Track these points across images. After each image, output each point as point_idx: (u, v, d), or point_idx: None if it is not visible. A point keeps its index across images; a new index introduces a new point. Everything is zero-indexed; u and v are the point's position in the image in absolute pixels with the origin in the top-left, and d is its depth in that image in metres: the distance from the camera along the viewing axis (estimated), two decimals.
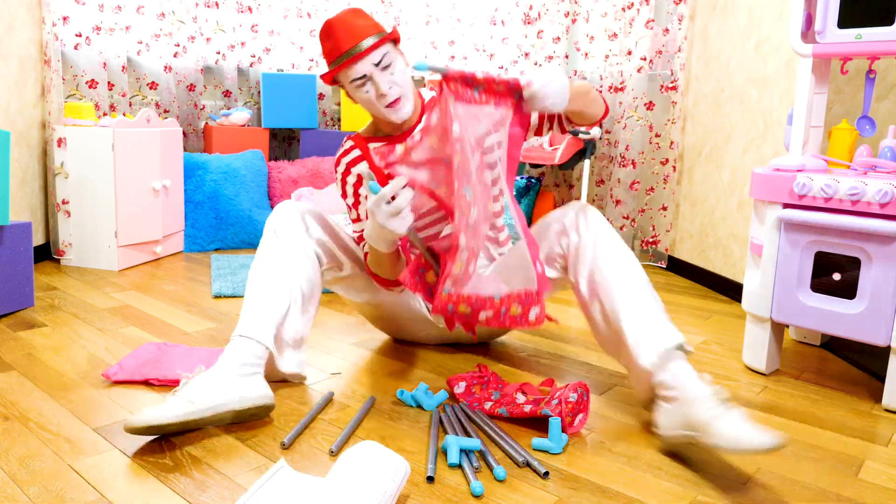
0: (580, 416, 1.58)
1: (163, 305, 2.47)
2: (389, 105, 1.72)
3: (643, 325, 1.57)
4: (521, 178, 3.80)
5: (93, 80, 3.32)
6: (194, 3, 3.69)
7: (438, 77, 1.65)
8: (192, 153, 3.59)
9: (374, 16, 1.88)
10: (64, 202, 2.94)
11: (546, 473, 1.37)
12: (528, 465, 1.40)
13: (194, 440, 1.48)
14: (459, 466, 1.40)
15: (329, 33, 1.70)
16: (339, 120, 4.16)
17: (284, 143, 4.16)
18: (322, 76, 1.75)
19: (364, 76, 1.69)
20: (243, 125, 3.73)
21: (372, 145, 1.84)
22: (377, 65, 1.69)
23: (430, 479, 1.35)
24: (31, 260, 2.37)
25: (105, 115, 3.35)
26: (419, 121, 1.84)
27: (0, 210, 2.21)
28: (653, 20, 3.30)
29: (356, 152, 1.86)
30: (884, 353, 2.07)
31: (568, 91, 1.60)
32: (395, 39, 1.74)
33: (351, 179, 1.85)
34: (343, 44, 1.68)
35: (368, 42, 1.67)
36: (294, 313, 1.72)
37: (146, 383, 1.77)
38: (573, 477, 1.38)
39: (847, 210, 1.77)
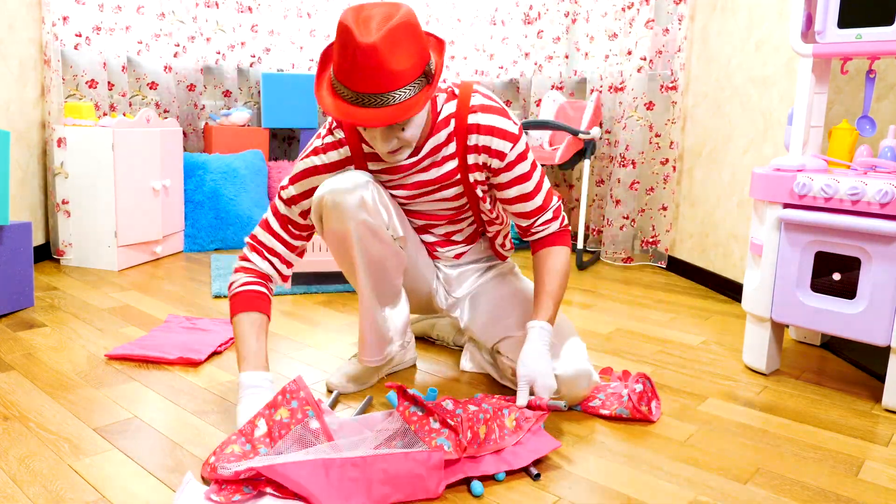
0: (654, 402, 1.67)
1: (163, 305, 2.47)
2: (388, 152, 1.47)
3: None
4: None
5: (93, 80, 3.32)
6: (194, 3, 3.69)
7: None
8: (192, 153, 3.59)
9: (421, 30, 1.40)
10: (64, 202, 2.94)
11: (537, 475, 1.36)
12: (524, 468, 1.40)
13: (194, 440, 1.48)
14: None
15: (345, 48, 1.28)
16: None
17: (284, 143, 4.16)
18: (316, 86, 1.41)
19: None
20: (243, 125, 3.73)
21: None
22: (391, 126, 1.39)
23: None
24: (31, 260, 2.37)
25: (105, 115, 3.35)
26: (424, 143, 1.56)
27: (0, 210, 2.21)
28: (653, 20, 3.30)
29: (337, 154, 1.58)
30: (884, 353, 2.07)
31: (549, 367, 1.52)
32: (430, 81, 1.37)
33: (315, 161, 1.59)
34: (352, 81, 1.30)
35: (396, 98, 1.31)
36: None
37: (145, 362, 1.79)
38: (573, 477, 1.38)
39: (847, 210, 1.77)
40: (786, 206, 1.88)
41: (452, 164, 1.58)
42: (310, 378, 1.85)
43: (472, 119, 1.53)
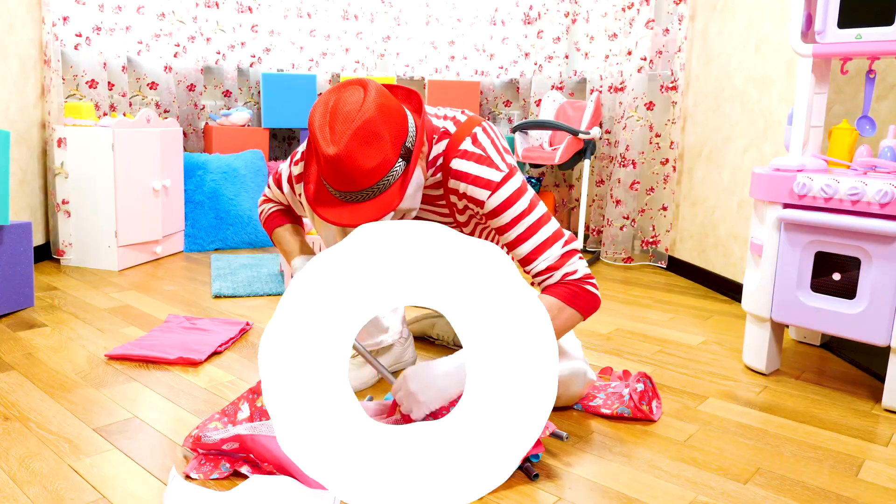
0: (654, 402, 1.69)
1: (163, 305, 2.47)
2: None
3: None
4: None
5: (93, 80, 3.32)
6: (194, 3, 3.69)
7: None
8: (192, 153, 3.59)
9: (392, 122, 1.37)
10: (64, 202, 2.94)
11: (536, 475, 1.36)
12: (519, 467, 1.40)
13: None
14: None
15: (317, 154, 1.32)
16: None
17: (284, 143, 4.16)
18: (305, 179, 1.42)
19: None
20: (243, 125, 3.73)
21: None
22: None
23: None
24: (31, 260, 2.37)
25: (105, 115, 3.35)
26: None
27: (0, 210, 2.21)
28: (653, 20, 3.30)
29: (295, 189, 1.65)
30: (884, 353, 2.07)
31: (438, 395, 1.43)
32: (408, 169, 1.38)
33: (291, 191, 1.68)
34: (333, 182, 1.34)
35: (376, 190, 1.35)
36: None
37: (145, 362, 1.78)
38: (573, 477, 1.38)
39: (847, 210, 1.77)
40: (786, 206, 1.88)
41: (440, 203, 1.60)
42: None
43: (454, 164, 1.50)
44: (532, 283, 1.58)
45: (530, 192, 1.52)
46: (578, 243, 3.38)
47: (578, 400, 1.68)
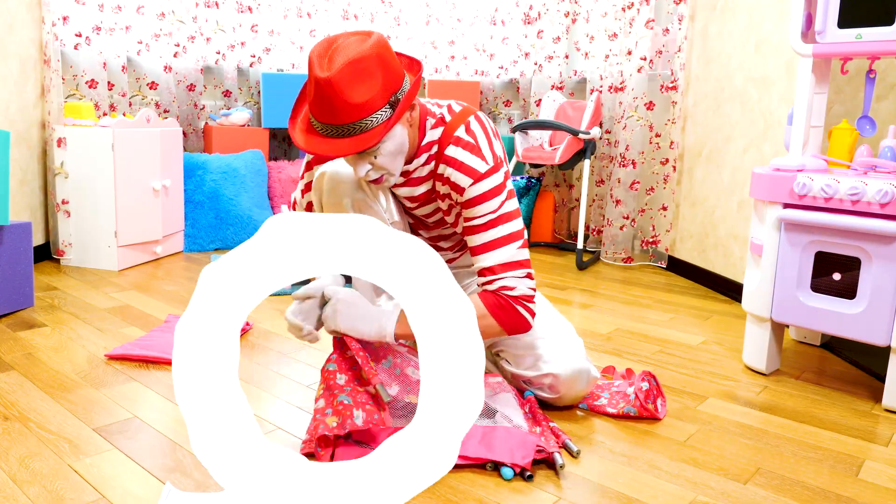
0: (659, 400, 1.70)
1: (163, 305, 2.47)
2: (369, 180, 1.49)
3: None
4: (521, 178, 3.80)
5: (93, 80, 3.32)
6: (194, 3, 3.69)
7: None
8: (192, 153, 3.59)
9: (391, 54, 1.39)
10: (64, 202, 2.94)
11: (530, 476, 1.36)
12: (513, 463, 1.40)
13: None
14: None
15: (309, 80, 1.35)
16: None
17: (284, 143, 4.16)
18: (291, 117, 1.46)
19: None
20: (243, 125, 3.73)
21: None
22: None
23: None
24: (31, 260, 2.37)
25: (105, 115, 3.35)
26: (410, 162, 1.57)
27: (0, 210, 2.21)
28: (653, 20, 3.30)
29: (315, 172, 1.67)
30: (884, 353, 2.07)
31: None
32: (400, 108, 1.38)
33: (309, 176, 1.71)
34: (317, 112, 1.35)
35: (356, 128, 1.35)
36: None
37: (145, 362, 1.78)
38: (573, 477, 1.38)
39: (847, 210, 1.77)
40: (786, 206, 1.88)
41: (427, 186, 1.59)
42: (310, 379, 1.85)
43: (448, 151, 1.52)
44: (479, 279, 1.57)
45: (508, 188, 1.52)
46: (579, 242, 3.39)
47: (583, 399, 1.69)
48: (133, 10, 3.48)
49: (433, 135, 1.54)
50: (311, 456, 1.43)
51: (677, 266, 3.28)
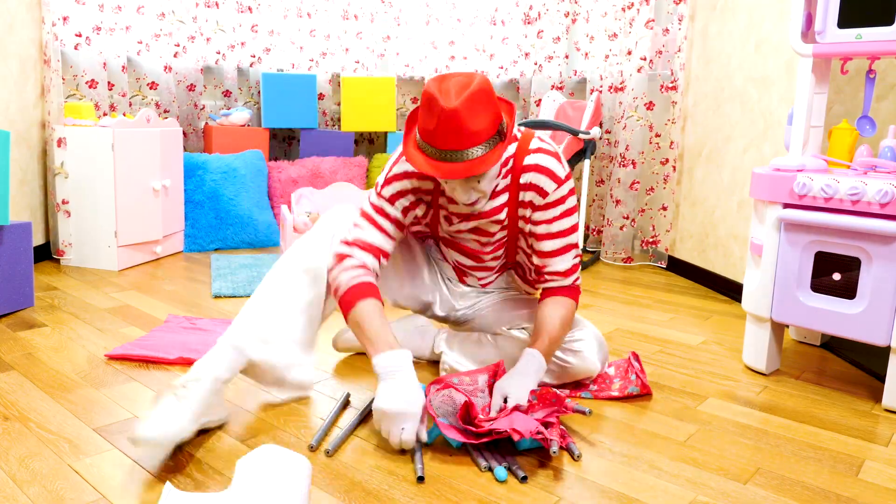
0: (643, 375, 1.81)
1: (163, 305, 2.47)
2: (467, 203, 1.59)
3: None
4: None
5: (93, 80, 3.32)
6: (194, 3, 3.69)
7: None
8: (192, 153, 3.59)
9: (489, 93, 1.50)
10: (64, 202, 2.93)
11: (524, 478, 1.36)
12: (508, 468, 1.40)
13: (194, 440, 1.48)
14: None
15: (430, 112, 1.45)
16: (338, 120, 4.16)
17: (284, 143, 4.16)
18: (404, 145, 1.55)
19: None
20: (243, 125, 3.73)
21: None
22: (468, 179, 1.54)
23: (421, 480, 1.35)
24: (31, 260, 2.37)
25: (105, 115, 3.35)
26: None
27: (0, 210, 2.21)
28: (653, 20, 3.30)
29: (405, 184, 1.67)
30: (884, 353, 2.07)
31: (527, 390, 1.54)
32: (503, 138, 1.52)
33: (408, 177, 1.68)
34: (440, 141, 1.46)
35: (473, 154, 1.47)
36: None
37: (145, 362, 1.78)
38: (573, 477, 1.38)
39: (847, 210, 1.77)
40: (786, 206, 1.88)
41: (503, 199, 1.67)
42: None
43: (528, 160, 1.63)
44: (540, 278, 1.71)
45: (575, 198, 1.69)
46: (579, 242, 3.39)
47: (584, 387, 1.80)
48: (133, 10, 3.48)
49: (508, 151, 1.67)
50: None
51: (677, 266, 3.28)
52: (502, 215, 1.69)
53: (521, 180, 1.64)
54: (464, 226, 1.72)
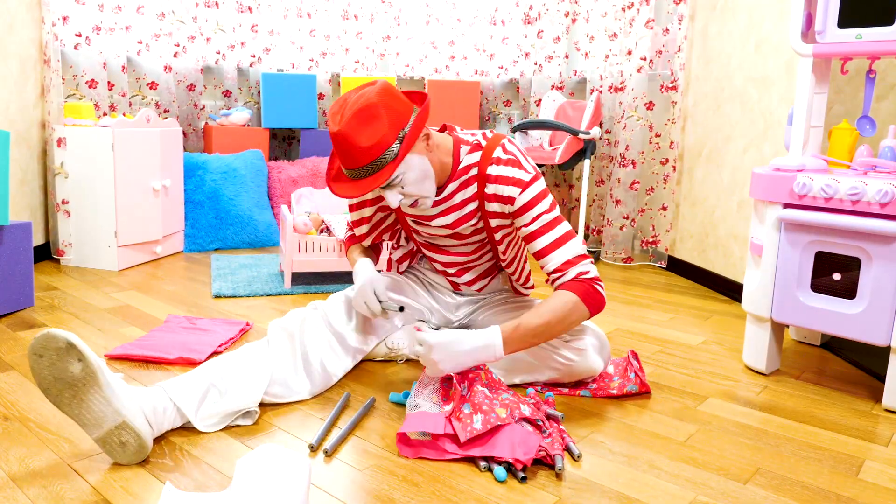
0: (641, 373, 1.82)
1: (163, 305, 2.47)
2: (408, 206, 1.68)
3: None
4: None
5: (93, 80, 3.32)
6: (194, 3, 3.69)
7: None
8: (192, 153, 3.59)
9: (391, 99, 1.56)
10: (64, 202, 2.94)
11: (524, 478, 1.36)
12: (508, 468, 1.40)
13: (195, 440, 1.48)
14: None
15: (334, 142, 1.55)
16: None
17: (284, 143, 4.16)
18: (328, 170, 1.72)
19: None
20: (243, 125, 3.73)
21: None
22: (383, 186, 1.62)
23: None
24: (31, 260, 2.37)
25: (105, 115, 3.35)
26: (444, 188, 1.72)
27: (0, 210, 2.21)
28: (653, 20, 3.30)
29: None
30: (884, 353, 2.07)
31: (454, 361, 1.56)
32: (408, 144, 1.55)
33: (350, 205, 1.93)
34: (343, 161, 1.57)
35: (377, 166, 1.55)
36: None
37: (145, 362, 1.78)
38: (573, 477, 1.38)
39: (847, 210, 1.77)
40: (786, 206, 1.88)
41: (472, 207, 1.72)
42: None
43: (490, 170, 1.67)
44: (546, 280, 1.72)
45: (550, 196, 1.69)
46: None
47: (584, 386, 1.80)
48: (133, 10, 3.48)
49: (470, 159, 1.70)
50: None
51: (677, 266, 3.28)
52: (474, 220, 1.75)
53: (486, 191, 1.68)
54: (438, 231, 1.79)
